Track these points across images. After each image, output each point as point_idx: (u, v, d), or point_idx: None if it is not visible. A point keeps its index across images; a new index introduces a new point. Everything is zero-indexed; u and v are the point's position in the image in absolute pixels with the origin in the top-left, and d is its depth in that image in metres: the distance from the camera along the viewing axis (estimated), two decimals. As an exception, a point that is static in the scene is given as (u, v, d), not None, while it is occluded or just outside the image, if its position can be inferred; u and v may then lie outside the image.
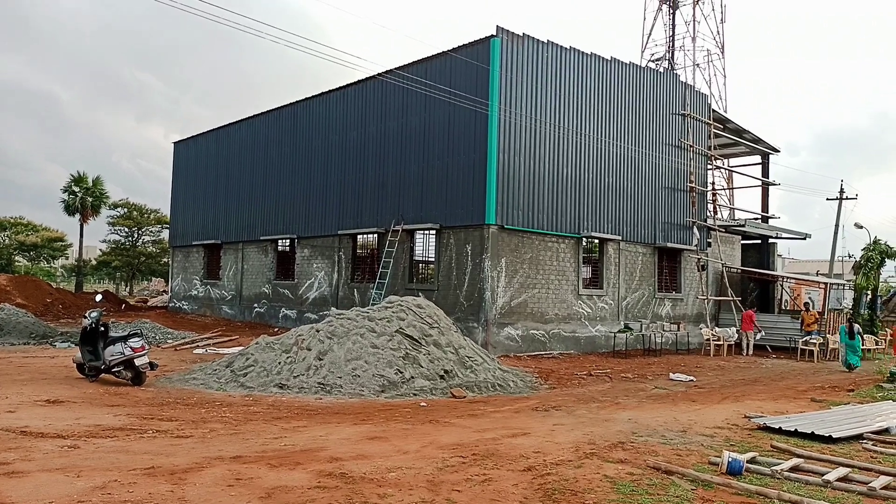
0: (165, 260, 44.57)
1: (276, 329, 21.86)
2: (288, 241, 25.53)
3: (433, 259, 19.45)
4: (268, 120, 27.01)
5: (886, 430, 8.90)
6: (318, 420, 8.75)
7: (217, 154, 30.23)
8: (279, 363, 11.74)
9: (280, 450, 6.92)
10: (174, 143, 33.96)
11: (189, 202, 32.06)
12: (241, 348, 14.03)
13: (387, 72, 19.84)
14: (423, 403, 10.42)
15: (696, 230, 23.78)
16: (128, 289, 53.18)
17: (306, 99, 24.92)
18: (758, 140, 28.36)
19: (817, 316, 22.38)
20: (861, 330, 19.28)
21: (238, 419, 8.65)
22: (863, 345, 19.37)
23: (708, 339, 21.21)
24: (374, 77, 20.79)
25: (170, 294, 33.71)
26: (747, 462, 6.71)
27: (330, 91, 23.73)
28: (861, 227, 32.28)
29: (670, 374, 15.45)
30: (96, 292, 32.35)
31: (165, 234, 45.25)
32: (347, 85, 22.90)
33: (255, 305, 26.52)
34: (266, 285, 26.16)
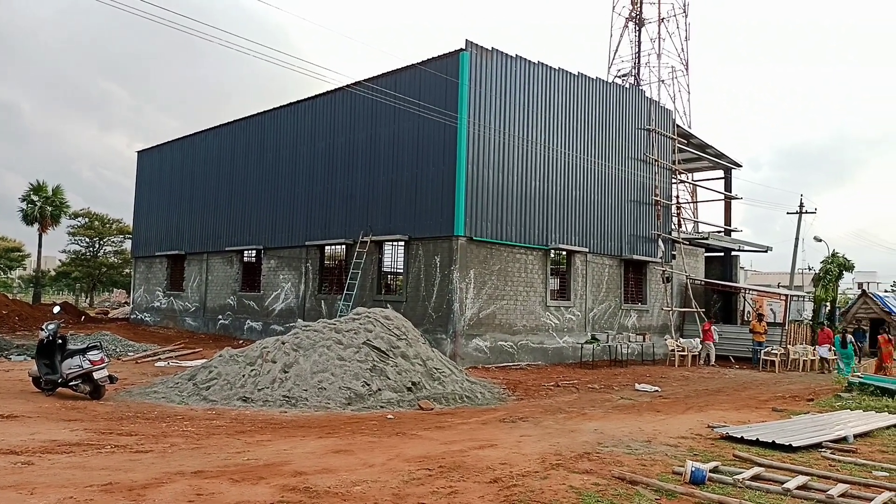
0: (127, 271, 43.64)
1: (240, 341, 21.52)
2: (254, 251, 25.22)
3: (402, 270, 19.40)
4: (234, 130, 26.74)
5: (844, 439, 9.10)
6: (282, 434, 8.62)
7: (182, 163, 29.80)
8: (243, 376, 11.55)
9: (243, 464, 6.79)
10: (138, 152, 33.41)
11: (152, 212, 31.50)
12: (204, 361, 13.76)
13: (356, 83, 19.83)
14: (390, 416, 10.34)
15: (661, 243, 24.16)
16: (88, 300, 51.91)
17: (274, 109, 24.76)
18: (721, 155, 29.01)
19: (766, 327, 22.92)
20: (853, 340, 20.11)
21: (200, 433, 8.48)
22: (856, 353, 20.11)
23: (673, 350, 21.50)
24: (342, 88, 20.74)
25: (131, 306, 33.00)
26: (710, 471, 6.79)
27: (298, 101, 23.61)
28: (820, 241, 33.17)
29: (636, 384, 15.61)
30: (54, 304, 31.54)
31: (128, 245, 44.35)
32: (316, 95, 22.82)
33: (220, 317, 26.10)
34: (231, 297, 25.78)
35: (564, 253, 20.82)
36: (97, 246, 47.32)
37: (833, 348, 21.92)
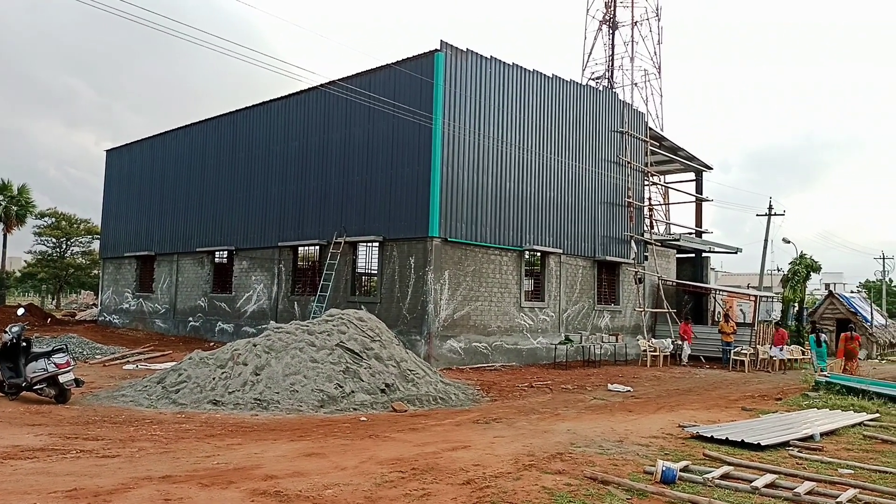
0: (95, 272, 42.87)
1: (211, 343, 21.26)
2: (226, 252, 24.91)
3: (376, 272, 19.31)
4: (206, 128, 26.39)
5: (811, 437, 9.27)
6: (253, 437, 8.51)
7: (152, 163, 29.33)
8: (213, 379, 11.39)
9: (212, 468, 6.69)
10: (106, 150, 32.80)
11: (121, 212, 30.96)
12: (173, 363, 13.56)
13: (330, 83, 19.70)
14: (363, 418, 10.28)
15: (633, 244, 24.40)
16: (55, 302, 50.86)
17: (246, 108, 24.49)
18: (692, 157, 29.40)
19: (734, 327, 23.27)
20: (827, 339, 21.38)
21: (169, 437, 8.34)
22: (828, 351, 21.18)
23: (645, 350, 21.72)
24: (316, 87, 20.60)
25: (99, 307, 32.39)
26: (680, 471, 6.86)
27: (271, 101, 23.39)
28: (789, 242, 33.77)
29: (608, 384, 15.74)
30: (19, 305, 30.82)
31: (96, 245, 43.56)
32: (289, 95, 22.63)
33: (190, 319, 25.72)
34: (202, 298, 25.43)
35: (539, 254, 20.92)
36: (64, 246, 46.39)
37: (785, 348, 22.14)
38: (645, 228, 25.75)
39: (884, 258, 57.29)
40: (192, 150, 27.01)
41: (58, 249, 46.24)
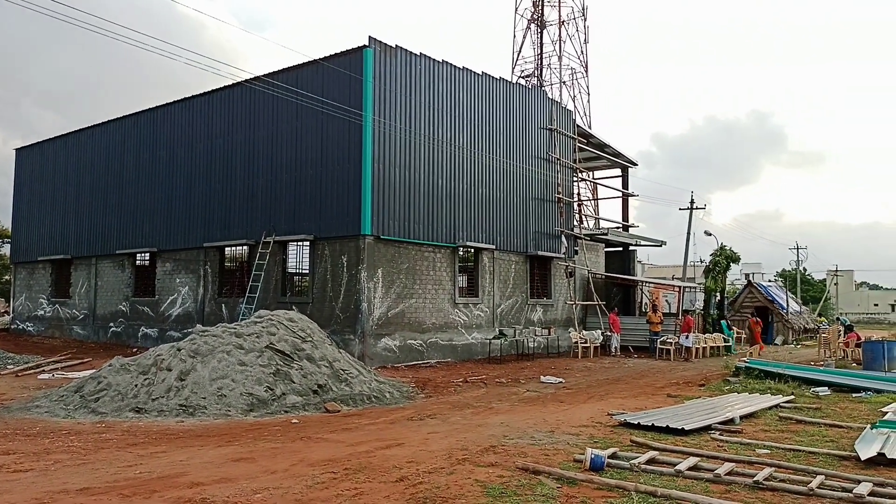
0: (7, 277, 40.47)
1: (134, 350, 20.41)
2: (147, 254, 23.96)
3: (307, 271, 18.98)
4: (125, 125, 25.30)
5: (732, 421, 9.70)
6: (178, 444, 8.21)
7: (67, 162, 27.90)
8: (136, 386, 10.93)
9: (134, 478, 6.41)
10: (16, 149, 31.01)
11: (34, 214, 29.33)
12: (93, 371, 12.95)
13: (255, 79, 19.22)
14: (295, 420, 10.09)
15: (563, 239, 24.89)
16: (-38, 311, 47.72)
17: (167, 104, 23.60)
18: (618, 154, 30.23)
19: (661, 318, 24.01)
20: (730, 325, 26.12)
21: (87, 448, 7.95)
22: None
23: (576, 342, 22.20)
24: (241, 83, 20.05)
25: (12, 315, 30.61)
26: (609, 457, 7.04)
27: (193, 97, 22.63)
28: (710, 235, 35.17)
29: (541, 377, 16.00)
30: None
31: (6, 250, 41.13)
32: (212, 91, 21.92)
33: (111, 325, 24.64)
34: (123, 303, 24.39)
35: (472, 250, 21.04)
36: (-29, 252, 43.64)
37: (689, 335, 22.59)
38: (575, 223, 26.30)
39: (798, 249, 60.53)
40: (110, 148, 25.84)
41: (-36, 255, 43.47)
